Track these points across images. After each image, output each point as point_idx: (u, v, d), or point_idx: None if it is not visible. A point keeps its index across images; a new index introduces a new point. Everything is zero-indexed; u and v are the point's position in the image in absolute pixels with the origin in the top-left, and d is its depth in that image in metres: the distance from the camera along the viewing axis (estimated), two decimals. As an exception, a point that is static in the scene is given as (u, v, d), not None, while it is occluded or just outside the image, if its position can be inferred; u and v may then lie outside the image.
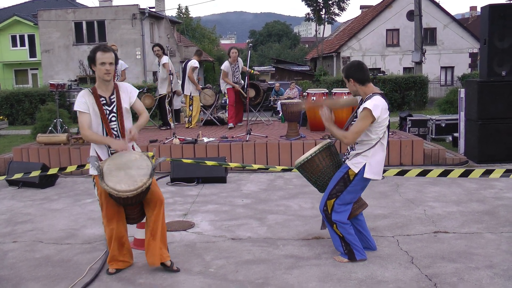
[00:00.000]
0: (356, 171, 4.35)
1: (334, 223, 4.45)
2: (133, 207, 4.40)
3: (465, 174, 4.82)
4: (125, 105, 4.41)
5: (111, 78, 4.32)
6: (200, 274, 4.34)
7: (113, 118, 4.36)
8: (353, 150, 4.44)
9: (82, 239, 5.46)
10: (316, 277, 4.21)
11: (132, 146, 4.52)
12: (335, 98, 4.45)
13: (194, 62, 11.48)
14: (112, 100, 4.37)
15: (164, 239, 4.45)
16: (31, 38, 37.26)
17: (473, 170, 4.80)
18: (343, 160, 4.54)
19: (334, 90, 10.47)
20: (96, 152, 4.40)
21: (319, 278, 4.18)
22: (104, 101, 4.34)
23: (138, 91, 4.61)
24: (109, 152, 4.35)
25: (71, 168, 6.15)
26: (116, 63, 4.41)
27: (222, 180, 7.98)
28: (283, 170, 8.23)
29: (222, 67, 11.30)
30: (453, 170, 4.86)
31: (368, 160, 4.34)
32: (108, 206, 4.35)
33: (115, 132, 4.37)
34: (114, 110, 4.36)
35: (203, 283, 4.17)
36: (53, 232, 5.72)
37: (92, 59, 4.26)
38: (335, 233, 4.50)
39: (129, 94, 4.45)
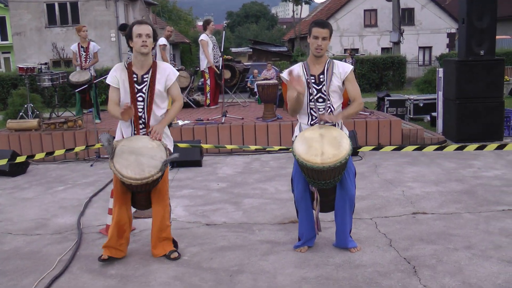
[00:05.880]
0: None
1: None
2: (142, 194, 4.24)
3: (440, 149, 4.79)
4: (159, 87, 4.17)
5: (148, 51, 4.11)
6: (173, 263, 4.20)
7: (140, 98, 4.14)
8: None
9: (53, 229, 5.27)
10: (293, 263, 4.11)
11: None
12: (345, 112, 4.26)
13: (161, 40, 11.17)
14: (144, 79, 4.15)
15: (162, 236, 4.31)
16: (2, 20, 36.25)
17: (448, 145, 4.74)
18: None
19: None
20: (122, 131, 4.25)
21: (296, 264, 4.07)
22: (135, 79, 4.14)
23: (177, 74, 4.32)
24: (133, 134, 4.19)
25: (39, 156, 5.92)
26: (155, 38, 4.18)
27: (198, 163, 7.83)
28: (257, 151, 8.13)
29: (201, 37, 11.13)
30: (428, 145, 4.83)
31: None
32: (116, 186, 4.19)
33: (140, 113, 4.16)
34: (144, 90, 4.14)
35: (176, 271, 4.04)
36: (23, 223, 5.52)
37: (129, 35, 4.10)
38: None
39: (166, 76, 4.20)
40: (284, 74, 4.24)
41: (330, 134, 4.01)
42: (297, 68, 4.27)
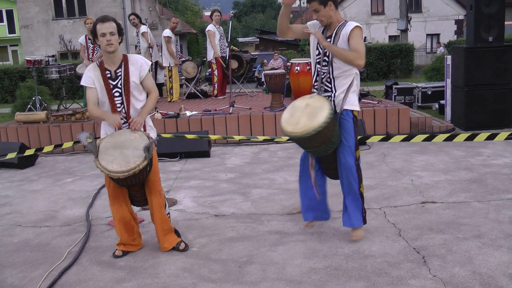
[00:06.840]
0: (359, 109, 4.19)
1: (361, 180, 4.23)
2: (136, 188, 4.21)
3: (450, 139, 4.74)
4: (134, 79, 4.13)
5: (115, 49, 4.06)
6: (182, 254, 4.21)
7: (117, 94, 4.11)
8: (332, 88, 4.14)
9: (62, 221, 5.29)
10: (302, 253, 4.10)
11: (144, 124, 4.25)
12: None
13: (165, 32, 11.24)
14: (118, 74, 4.11)
15: (165, 228, 4.29)
16: (9, 13, 36.38)
17: (458, 134, 4.69)
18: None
19: (293, 61, 9.98)
20: (105, 130, 4.25)
21: (305, 255, 4.06)
22: (109, 75, 4.10)
23: (150, 63, 4.27)
24: (116, 129, 4.16)
25: (48, 148, 5.95)
26: (120, 33, 4.10)
27: (206, 154, 7.82)
28: (265, 141, 8.10)
29: (208, 28, 11.14)
30: (437, 134, 4.79)
31: (357, 94, 4.22)
32: (110, 185, 4.18)
33: (119, 109, 4.14)
34: (119, 84, 4.11)
35: (185, 263, 4.04)
36: (32, 215, 5.55)
37: (94, 33, 4.06)
38: (360, 194, 4.23)
39: (139, 68, 4.15)
40: (308, 24, 4.34)
41: (314, 104, 4.00)
42: (316, 24, 4.29)
